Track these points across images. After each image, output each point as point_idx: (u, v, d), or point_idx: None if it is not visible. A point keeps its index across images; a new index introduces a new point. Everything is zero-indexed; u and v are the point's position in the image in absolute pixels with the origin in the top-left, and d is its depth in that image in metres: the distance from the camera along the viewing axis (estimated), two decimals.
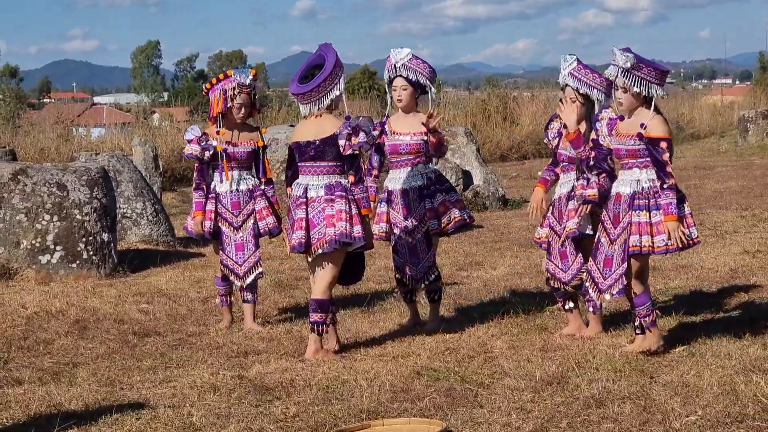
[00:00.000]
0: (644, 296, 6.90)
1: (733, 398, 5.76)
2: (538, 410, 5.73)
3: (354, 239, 7.02)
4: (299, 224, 7.09)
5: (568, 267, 7.49)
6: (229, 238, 8.19)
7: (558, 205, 7.59)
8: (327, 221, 7.02)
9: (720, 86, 66.41)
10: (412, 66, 7.94)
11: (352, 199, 7.08)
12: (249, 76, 8.17)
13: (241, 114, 8.16)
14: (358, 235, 7.03)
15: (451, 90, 53.79)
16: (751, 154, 25.04)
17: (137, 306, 9.12)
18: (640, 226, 6.74)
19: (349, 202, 7.06)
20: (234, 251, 8.18)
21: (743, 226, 12.80)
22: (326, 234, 7.01)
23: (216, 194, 8.20)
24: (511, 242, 12.43)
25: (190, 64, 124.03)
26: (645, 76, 6.74)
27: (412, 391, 6.18)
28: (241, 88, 8.11)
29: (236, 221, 8.16)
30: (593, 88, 7.38)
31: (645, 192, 6.77)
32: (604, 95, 7.36)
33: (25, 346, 7.69)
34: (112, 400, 6.20)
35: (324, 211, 7.05)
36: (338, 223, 6.99)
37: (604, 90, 7.35)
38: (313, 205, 7.09)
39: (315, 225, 7.07)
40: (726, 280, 9.39)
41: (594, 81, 7.38)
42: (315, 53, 7.31)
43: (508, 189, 18.40)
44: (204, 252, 12.18)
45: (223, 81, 8.16)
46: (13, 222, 10.59)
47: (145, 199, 12.99)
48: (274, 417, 5.77)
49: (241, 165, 8.21)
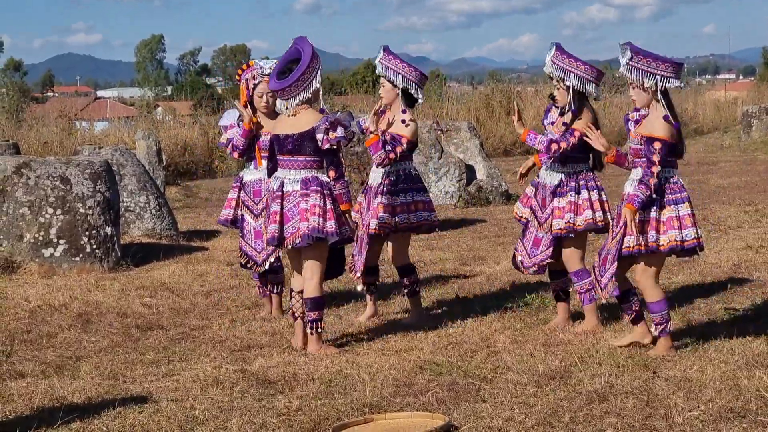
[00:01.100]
0: (659, 304, 6.81)
1: (735, 393, 5.76)
2: (540, 405, 5.73)
3: (326, 234, 7.03)
4: (274, 218, 7.13)
5: (535, 254, 7.58)
6: (249, 225, 8.25)
7: (543, 192, 7.61)
8: (301, 215, 7.06)
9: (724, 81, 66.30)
10: (385, 62, 8.07)
11: (328, 194, 7.10)
12: (271, 64, 8.22)
13: (263, 103, 8.21)
14: (331, 230, 7.04)
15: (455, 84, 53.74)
16: (754, 150, 25.01)
17: (140, 299, 9.13)
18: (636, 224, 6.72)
19: (324, 197, 7.07)
20: (253, 238, 8.23)
21: (746, 221, 12.79)
22: (299, 228, 7.05)
23: (242, 183, 8.31)
24: (515, 237, 12.40)
25: (194, 58, 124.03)
26: (646, 68, 6.70)
27: (414, 386, 6.19)
28: (261, 78, 8.16)
29: (256, 209, 8.21)
30: (570, 73, 7.42)
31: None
32: (583, 80, 7.40)
33: (28, 340, 7.70)
34: (115, 393, 6.21)
35: (298, 206, 7.08)
36: (311, 217, 7.02)
37: (584, 75, 7.40)
38: (288, 199, 7.13)
39: (289, 219, 7.11)
40: (729, 276, 9.38)
41: (570, 66, 7.43)
42: (291, 47, 7.30)
43: (512, 184, 18.40)
44: (207, 246, 12.18)
45: (246, 71, 8.26)
46: (16, 215, 10.59)
47: (149, 193, 12.99)
48: (276, 411, 5.77)
49: (267, 154, 8.22)
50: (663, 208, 6.71)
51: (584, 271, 7.54)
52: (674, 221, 6.68)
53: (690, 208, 6.75)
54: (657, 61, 6.72)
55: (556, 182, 7.55)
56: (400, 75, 7.96)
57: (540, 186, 7.69)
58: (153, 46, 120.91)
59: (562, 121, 7.53)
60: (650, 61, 6.71)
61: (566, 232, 7.46)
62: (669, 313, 6.87)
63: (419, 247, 11.65)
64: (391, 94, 8.01)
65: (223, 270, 10.60)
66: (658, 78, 6.69)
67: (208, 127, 25.32)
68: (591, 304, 7.54)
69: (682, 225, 6.70)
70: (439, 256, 11.25)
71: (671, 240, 6.68)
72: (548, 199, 7.57)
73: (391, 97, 8.01)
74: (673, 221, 6.68)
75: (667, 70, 6.70)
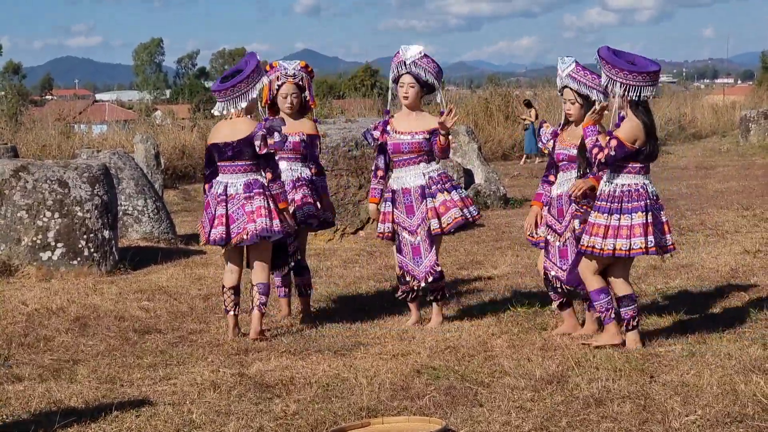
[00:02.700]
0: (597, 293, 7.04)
1: (732, 398, 5.76)
2: (537, 409, 5.73)
3: (274, 232, 7.59)
4: (220, 220, 7.63)
5: (567, 265, 7.50)
6: None
7: (557, 204, 7.58)
8: (248, 217, 7.58)
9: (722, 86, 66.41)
10: (422, 64, 7.94)
11: (269, 195, 7.62)
12: (295, 65, 8.27)
13: (287, 104, 8.26)
14: (278, 228, 7.61)
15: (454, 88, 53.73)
16: (752, 154, 25.06)
17: (138, 303, 9.12)
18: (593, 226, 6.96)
19: (267, 198, 7.61)
20: None
21: (744, 225, 12.79)
22: (246, 229, 7.57)
23: None
24: (512, 241, 12.43)
25: (192, 61, 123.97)
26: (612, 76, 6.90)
27: (411, 390, 6.19)
28: (286, 78, 8.23)
29: None
30: (593, 89, 7.40)
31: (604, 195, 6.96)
32: (603, 96, 7.37)
33: (26, 343, 7.70)
34: (112, 397, 6.21)
35: (244, 208, 7.60)
36: (258, 219, 7.56)
37: (603, 91, 7.34)
38: (232, 201, 7.63)
39: (234, 220, 7.62)
40: (726, 280, 9.39)
41: (593, 82, 7.39)
42: (242, 60, 7.90)
43: (510, 188, 18.41)
44: (205, 249, 12.19)
45: (269, 72, 8.28)
46: (14, 219, 10.59)
47: (147, 197, 13.00)
48: (274, 415, 5.77)
49: (290, 155, 8.26)
50: (622, 214, 6.89)
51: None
52: (624, 230, 6.86)
53: (644, 217, 6.86)
54: (622, 70, 6.79)
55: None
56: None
57: (552, 200, 7.62)
58: (152, 49, 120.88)
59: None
60: (620, 71, 6.79)
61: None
62: (611, 301, 7.05)
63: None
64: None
65: (221, 273, 10.57)
66: (619, 86, 6.85)
67: (206, 130, 25.30)
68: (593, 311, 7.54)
69: (631, 234, 6.85)
70: None
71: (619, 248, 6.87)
72: (566, 207, 7.51)
73: None
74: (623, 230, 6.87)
75: (643, 80, 6.82)
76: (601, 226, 6.89)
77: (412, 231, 7.90)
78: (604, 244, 6.88)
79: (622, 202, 6.87)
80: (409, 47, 7.98)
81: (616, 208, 6.87)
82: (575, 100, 7.45)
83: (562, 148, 7.56)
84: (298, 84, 8.28)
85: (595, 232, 6.91)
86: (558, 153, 7.59)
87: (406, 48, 7.98)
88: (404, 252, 7.96)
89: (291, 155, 8.24)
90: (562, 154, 7.56)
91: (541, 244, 7.69)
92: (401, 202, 7.95)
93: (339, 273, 10.62)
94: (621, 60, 6.89)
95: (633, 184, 6.89)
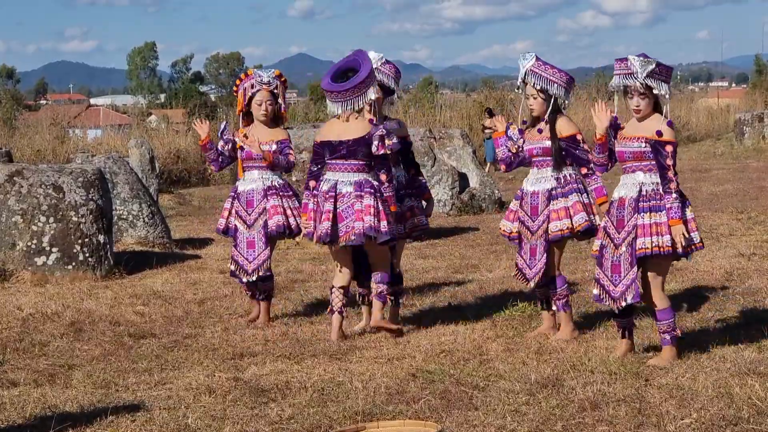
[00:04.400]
0: (666, 311, 6.80)
1: (728, 401, 5.77)
2: (532, 413, 5.73)
3: (380, 233, 7.53)
4: (327, 216, 7.57)
5: (534, 264, 7.55)
6: (242, 235, 8.36)
7: (530, 200, 7.59)
8: (356, 215, 7.53)
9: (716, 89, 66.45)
10: (384, 70, 8.12)
11: (380, 196, 7.59)
12: (269, 74, 8.34)
13: (262, 111, 8.31)
14: (385, 229, 7.55)
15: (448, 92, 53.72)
16: (746, 157, 25.09)
17: (133, 308, 9.12)
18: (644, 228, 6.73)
19: (377, 199, 7.56)
20: (245, 248, 8.34)
21: (739, 228, 12.81)
22: (354, 227, 7.52)
23: (236, 193, 8.44)
24: (507, 245, 12.42)
25: (186, 65, 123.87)
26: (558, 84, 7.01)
27: (407, 393, 6.19)
28: (260, 86, 8.29)
29: (249, 219, 8.34)
30: (552, 83, 7.53)
31: (648, 195, 6.77)
32: (563, 90, 7.54)
33: (21, 348, 7.69)
34: (108, 402, 6.20)
35: (353, 206, 7.56)
36: (366, 217, 7.51)
37: (564, 84, 7.53)
38: (342, 199, 7.59)
39: (343, 218, 7.57)
40: (721, 283, 9.40)
41: (554, 76, 7.54)
42: (349, 57, 7.71)
43: (504, 191, 18.41)
44: (200, 254, 12.18)
45: (245, 79, 8.41)
46: (9, 223, 10.58)
47: (142, 201, 12.99)
48: (269, 419, 5.77)
49: (261, 164, 8.35)
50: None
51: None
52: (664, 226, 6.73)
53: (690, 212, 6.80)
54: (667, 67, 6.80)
55: (549, 187, 7.54)
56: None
57: (526, 195, 7.65)
58: (146, 53, 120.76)
59: (538, 128, 7.57)
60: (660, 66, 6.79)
61: (567, 232, 7.47)
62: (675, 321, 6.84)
63: (411, 256, 11.67)
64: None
65: (216, 278, 10.60)
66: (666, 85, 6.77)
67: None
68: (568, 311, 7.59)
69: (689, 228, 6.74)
70: (432, 264, 11.27)
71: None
72: (541, 206, 7.55)
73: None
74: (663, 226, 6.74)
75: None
76: (661, 224, 6.69)
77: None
78: (662, 242, 6.66)
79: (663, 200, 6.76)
80: (369, 54, 8.12)
81: (659, 206, 6.72)
82: (537, 95, 7.56)
83: (530, 142, 7.63)
84: (273, 92, 8.36)
85: (655, 231, 6.68)
86: (530, 149, 7.65)
87: None
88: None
89: (262, 164, 8.34)
90: (534, 148, 7.61)
91: (515, 241, 7.75)
92: None
93: None
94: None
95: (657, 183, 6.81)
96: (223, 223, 8.46)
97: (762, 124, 28.02)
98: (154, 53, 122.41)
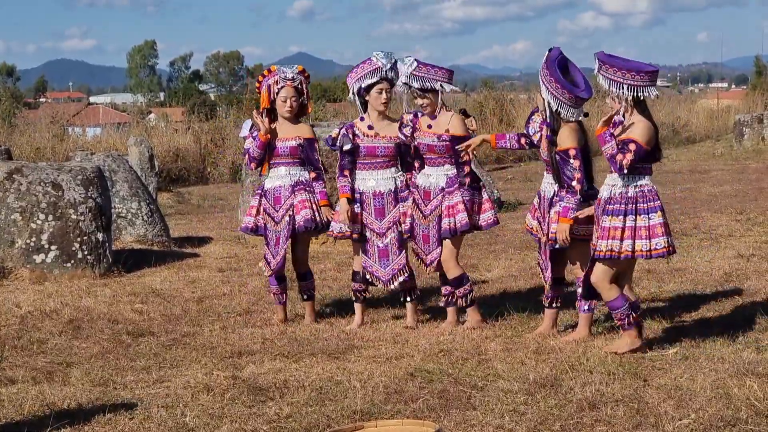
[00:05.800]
0: (617, 300, 6.98)
1: (726, 402, 5.77)
2: (531, 413, 5.73)
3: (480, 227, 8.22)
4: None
5: (547, 266, 7.58)
6: (271, 232, 8.34)
7: (543, 203, 7.60)
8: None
9: (716, 90, 66.43)
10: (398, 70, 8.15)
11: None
12: (293, 69, 8.32)
13: (287, 107, 8.30)
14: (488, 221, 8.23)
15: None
16: (746, 158, 25.07)
17: (131, 306, 9.11)
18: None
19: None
20: (273, 245, 8.32)
21: (738, 229, 12.80)
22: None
23: (263, 190, 8.40)
24: (506, 245, 12.43)
25: (185, 64, 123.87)
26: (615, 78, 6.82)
27: (405, 393, 6.19)
28: (284, 82, 8.29)
29: (277, 216, 8.31)
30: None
31: (617, 197, 6.91)
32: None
33: (19, 346, 7.69)
34: (106, 399, 6.20)
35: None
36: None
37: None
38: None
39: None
40: (720, 284, 9.40)
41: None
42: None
43: (504, 191, 18.41)
44: (199, 252, 12.18)
45: (268, 76, 8.39)
46: (8, 221, 10.58)
47: (141, 199, 12.98)
48: (267, 417, 5.77)
49: (288, 160, 8.30)
50: (638, 215, 6.84)
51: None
52: (643, 231, 6.82)
53: (662, 217, 6.86)
54: (629, 71, 6.77)
55: (551, 194, 7.53)
56: None
57: (541, 197, 7.66)
58: (145, 52, 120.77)
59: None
60: (618, 70, 6.78)
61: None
62: (632, 306, 7.01)
63: (411, 255, 11.63)
64: None
65: (214, 276, 10.59)
66: (626, 87, 6.79)
67: (200, 133, 25.31)
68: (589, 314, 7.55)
69: (651, 234, 6.82)
70: None
71: (639, 249, 6.83)
72: (546, 210, 7.54)
73: None
74: (641, 231, 6.82)
75: (642, 80, 6.78)
76: (617, 228, 6.83)
77: (380, 234, 8.07)
78: (623, 247, 6.82)
79: (637, 203, 6.83)
80: (379, 53, 8.15)
81: (632, 209, 6.84)
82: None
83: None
84: (297, 87, 8.35)
85: (612, 235, 6.84)
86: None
87: (379, 55, 8.14)
88: (370, 254, 8.12)
89: (289, 159, 8.29)
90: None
91: (537, 238, 7.77)
92: (370, 204, 8.12)
93: (332, 276, 10.63)
94: (624, 62, 6.89)
95: (644, 185, 6.88)
96: (251, 221, 8.40)
97: (761, 125, 28.00)
98: (154, 52, 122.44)
